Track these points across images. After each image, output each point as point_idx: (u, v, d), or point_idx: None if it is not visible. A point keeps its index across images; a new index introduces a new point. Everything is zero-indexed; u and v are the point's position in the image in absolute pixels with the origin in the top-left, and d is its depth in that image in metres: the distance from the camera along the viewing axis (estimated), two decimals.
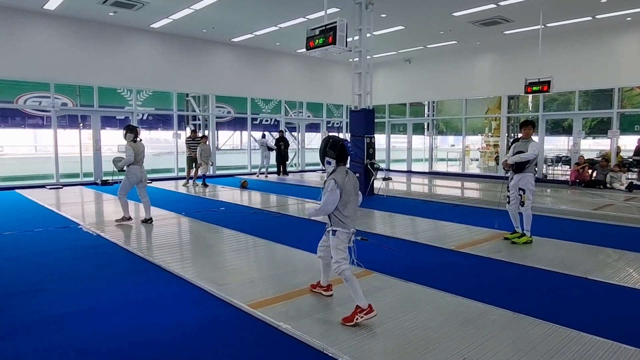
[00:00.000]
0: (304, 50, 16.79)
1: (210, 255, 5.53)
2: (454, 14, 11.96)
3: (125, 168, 7.15)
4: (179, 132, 15.35)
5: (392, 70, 18.94)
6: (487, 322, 3.45)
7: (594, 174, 12.98)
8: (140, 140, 7.24)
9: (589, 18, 12.19)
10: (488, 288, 4.32)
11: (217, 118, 16.28)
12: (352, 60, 11.88)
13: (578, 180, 13.15)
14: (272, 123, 18.03)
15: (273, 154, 16.05)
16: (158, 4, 11.38)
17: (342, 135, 20.17)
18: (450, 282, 4.43)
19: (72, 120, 13.81)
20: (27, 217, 8.05)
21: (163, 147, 18.83)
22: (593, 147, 16.83)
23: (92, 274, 4.75)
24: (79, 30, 12.79)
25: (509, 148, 10.21)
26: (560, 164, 15.70)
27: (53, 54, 12.44)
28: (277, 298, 3.97)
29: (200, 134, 13.64)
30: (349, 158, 3.68)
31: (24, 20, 11.88)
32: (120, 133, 7.44)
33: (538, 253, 5.58)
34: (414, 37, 14.78)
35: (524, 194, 5.99)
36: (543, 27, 11.85)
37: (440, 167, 19.15)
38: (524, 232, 6.07)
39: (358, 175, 11.08)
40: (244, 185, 12.51)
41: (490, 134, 19.39)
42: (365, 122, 10.97)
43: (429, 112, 18.67)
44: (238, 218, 7.98)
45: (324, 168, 3.71)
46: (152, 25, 13.43)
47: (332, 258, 3.60)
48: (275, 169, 16.55)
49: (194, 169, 13.01)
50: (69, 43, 12.71)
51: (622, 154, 13.71)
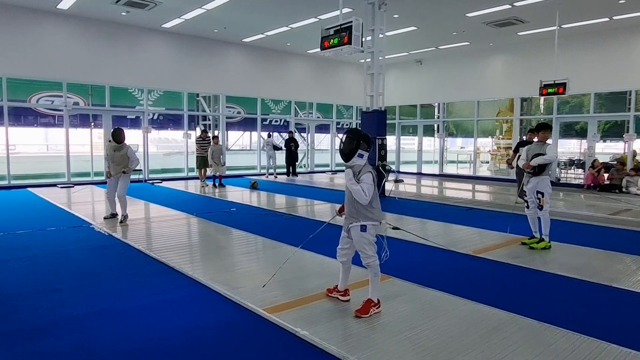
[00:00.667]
0: (316, 51, 16.75)
1: (224, 257, 5.47)
2: (468, 15, 11.82)
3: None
4: (189, 132, 15.36)
5: (403, 72, 18.81)
6: (511, 331, 3.34)
7: (610, 178, 12.76)
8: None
9: (606, 19, 11.99)
10: (510, 295, 4.20)
11: (227, 118, 16.26)
12: (363, 61, 11.79)
13: (593, 184, 12.94)
14: (281, 124, 17.98)
15: (279, 154, 15.98)
16: (170, 4, 11.38)
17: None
18: (470, 288, 4.32)
19: (83, 120, 13.87)
20: (39, 215, 8.06)
21: (173, 147, 18.86)
22: (606, 150, 16.59)
23: (106, 275, 4.71)
24: (92, 30, 12.84)
25: (515, 151, 10.12)
26: (574, 168, 15.48)
27: (66, 54, 12.49)
28: (292, 302, 3.89)
29: (211, 135, 13.60)
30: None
31: (37, 20, 11.94)
32: (133, 133, 7.53)
33: (558, 259, 5.44)
34: (426, 38, 14.65)
35: (543, 197, 5.86)
36: (558, 28, 11.66)
37: (450, 169, 18.98)
38: (542, 237, 5.94)
39: None
40: (254, 186, 12.46)
41: (501, 137, 19.19)
42: (378, 123, 10.86)
43: (439, 113, 18.53)
44: (249, 219, 7.92)
45: (350, 162, 3.58)
46: (163, 25, 13.44)
47: (363, 254, 3.61)
48: (284, 170, 16.49)
49: (204, 169, 12.97)
50: (82, 42, 12.75)
51: (638, 158, 13.47)
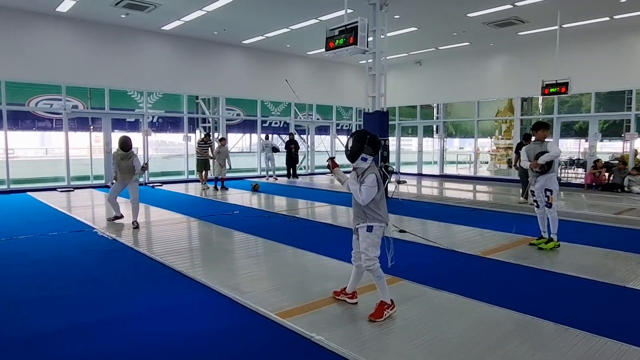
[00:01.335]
0: (316, 52, 16.65)
1: (229, 261, 5.40)
2: (469, 15, 11.80)
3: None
4: (189, 134, 15.28)
5: (402, 72, 18.78)
6: (530, 334, 3.29)
7: (611, 177, 12.76)
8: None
9: (607, 18, 11.99)
10: (523, 297, 4.15)
11: (227, 120, 16.19)
12: (364, 62, 11.76)
13: (594, 184, 12.93)
14: (281, 125, 17.93)
15: (277, 155, 15.93)
16: (170, 6, 11.31)
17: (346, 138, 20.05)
18: (483, 290, 4.26)
19: (82, 123, 13.77)
20: (40, 220, 7.96)
21: (172, 150, 18.75)
22: (604, 149, 16.60)
23: (111, 280, 4.63)
24: (91, 33, 12.75)
25: (516, 152, 10.09)
26: (574, 167, 15.47)
27: (65, 57, 12.40)
28: (304, 307, 3.83)
29: (217, 136, 13.56)
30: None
31: (36, 23, 11.85)
32: (132, 135, 7.55)
33: (567, 259, 5.40)
34: (427, 38, 14.63)
35: (552, 195, 5.84)
36: (559, 28, 11.65)
37: (450, 169, 18.96)
38: (551, 236, 5.90)
39: None
40: (256, 189, 12.39)
41: (501, 137, 19.19)
42: (380, 124, 10.81)
43: (438, 114, 18.51)
44: (253, 222, 7.85)
45: (355, 164, 3.58)
46: (163, 28, 13.37)
47: (365, 255, 3.55)
48: (284, 171, 16.43)
49: (205, 172, 12.93)
50: (81, 45, 12.67)
51: (639, 157, 13.48)
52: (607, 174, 12.96)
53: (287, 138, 16.77)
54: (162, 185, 13.61)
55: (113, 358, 3.00)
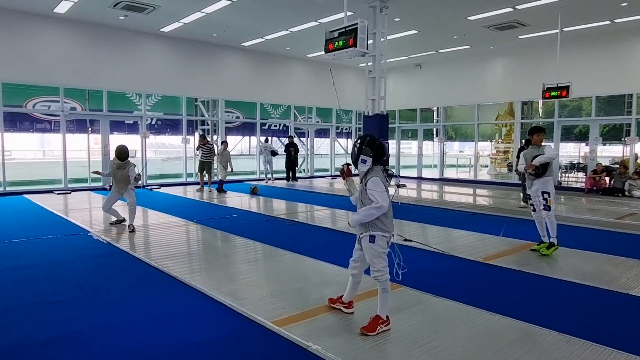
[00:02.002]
0: (316, 55, 16.60)
1: (226, 266, 5.31)
2: (469, 18, 11.76)
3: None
4: (188, 137, 15.21)
5: (402, 76, 18.73)
6: (534, 344, 3.20)
7: (612, 182, 12.69)
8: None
9: (608, 22, 11.95)
10: (525, 305, 4.06)
11: (226, 123, 16.12)
12: (364, 65, 11.70)
13: (595, 188, 12.86)
14: (281, 128, 17.86)
15: (276, 159, 15.89)
16: (169, 8, 11.26)
17: (351, 141, 20.02)
18: (484, 297, 4.18)
19: (80, 125, 13.70)
20: (36, 223, 7.87)
21: (171, 152, 18.69)
22: (605, 153, 16.54)
23: (106, 286, 4.54)
24: (89, 34, 12.69)
25: (518, 157, 10.02)
26: (574, 171, 15.40)
27: (63, 58, 12.33)
28: (301, 314, 3.74)
29: (219, 140, 13.55)
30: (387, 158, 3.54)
31: (34, 24, 11.78)
32: (131, 138, 7.43)
33: (569, 266, 5.32)
34: (427, 41, 14.58)
35: (549, 197, 5.77)
36: (560, 31, 11.60)
37: (450, 173, 18.88)
38: (551, 240, 5.82)
39: None
40: (254, 192, 12.31)
41: (501, 140, 19.13)
42: (380, 127, 10.75)
43: (438, 117, 18.46)
44: (251, 226, 7.76)
45: (358, 169, 3.51)
46: (162, 29, 13.32)
47: (372, 267, 3.40)
48: (282, 174, 16.36)
49: (209, 174, 12.97)
50: (79, 47, 12.60)
51: (639, 161, 13.41)
52: (607, 178, 12.89)
53: (286, 141, 16.69)
54: (160, 188, 13.52)
55: None
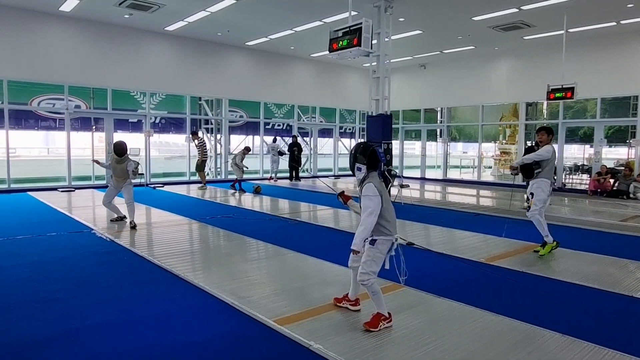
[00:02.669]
0: (320, 54, 16.59)
1: (229, 265, 5.30)
2: (474, 19, 11.71)
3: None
4: (192, 135, 15.20)
5: (406, 76, 18.70)
6: (536, 345, 3.18)
7: (617, 184, 12.61)
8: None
9: (613, 23, 11.88)
10: (529, 306, 4.03)
11: (229, 122, 16.14)
12: (368, 65, 11.67)
13: (599, 190, 12.78)
14: (284, 128, 17.86)
15: (282, 159, 15.90)
16: (174, 7, 11.27)
17: (354, 141, 20.02)
18: (487, 298, 4.16)
19: (84, 123, 13.74)
20: (40, 220, 7.90)
21: (175, 151, 18.72)
22: (609, 155, 16.45)
23: (107, 283, 4.54)
24: (94, 33, 12.73)
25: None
26: (579, 173, 15.31)
27: (68, 56, 12.37)
28: (303, 313, 3.73)
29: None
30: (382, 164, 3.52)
31: (39, 22, 11.83)
32: (135, 136, 7.52)
33: (573, 267, 5.28)
34: (431, 42, 14.54)
35: (531, 199, 5.83)
36: (565, 32, 11.55)
37: (454, 174, 18.82)
38: (544, 239, 5.81)
39: None
40: (258, 191, 12.31)
41: (505, 141, 19.07)
42: (383, 127, 10.72)
43: (442, 118, 18.41)
44: (254, 225, 7.76)
45: (355, 176, 3.54)
46: (166, 28, 13.34)
47: (361, 268, 3.37)
48: (283, 174, 16.38)
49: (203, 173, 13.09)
50: (84, 45, 12.64)
51: None
52: (612, 181, 12.81)
53: (289, 140, 16.70)
54: (163, 187, 13.54)
55: None
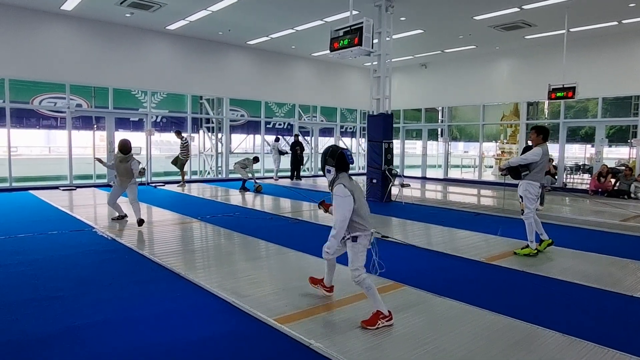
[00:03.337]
0: (321, 53, 16.60)
1: (229, 263, 5.32)
2: (475, 18, 11.70)
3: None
4: (193, 134, 15.24)
5: (407, 75, 18.69)
6: (536, 345, 3.18)
7: (617, 184, 12.59)
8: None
9: (615, 23, 11.86)
10: (529, 306, 4.04)
11: (230, 121, 16.15)
12: (368, 64, 11.67)
13: (600, 190, 12.77)
14: (285, 127, 17.86)
15: (283, 158, 15.92)
16: (175, 6, 11.28)
17: (355, 141, 20.03)
18: (487, 297, 4.16)
19: (86, 122, 13.75)
20: (41, 219, 7.91)
21: (176, 150, 18.69)
22: (610, 155, 16.43)
23: (109, 282, 4.55)
24: (95, 32, 12.74)
25: None
26: (580, 173, 15.30)
27: (69, 55, 12.38)
28: (303, 312, 3.74)
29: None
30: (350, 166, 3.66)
31: (40, 21, 11.84)
32: (136, 135, 7.50)
33: (573, 267, 5.29)
34: (432, 41, 14.54)
35: (521, 202, 5.84)
36: (567, 32, 11.53)
37: (455, 173, 18.81)
38: (529, 242, 5.77)
39: (375, 181, 10.84)
40: (258, 190, 12.32)
41: (506, 141, 19.04)
42: (384, 127, 10.73)
43: (442, 117, 18.40)
44: (255, 224, 7.77)
45: (326, 177, 3.69)
46: (168, 27, 13.35)
47: (351, 266, 3.49)
48: (284, 174, 16.41)
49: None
50: (85, 44, 12.65)
51: None
52: (612, 180, 12.80)
53: (290, 139, 16.71)
54: (164, 185, 13.56)
55: None
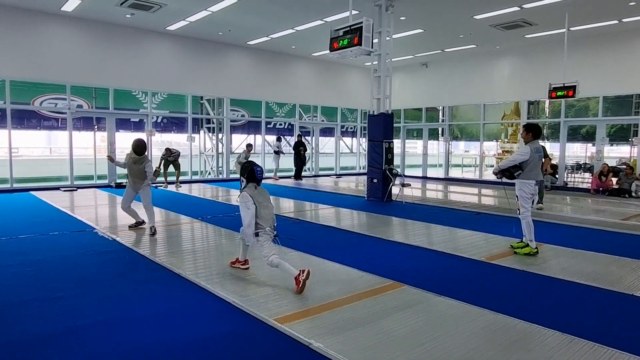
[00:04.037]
0: (321, 53, 16.60)
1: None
2: (476, 17, 11.70)
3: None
4: (193, 135, 15.27)
5: (408, 75, 18.69)
6: (535, 344, 3.19)
7: (619, 182, 12.57)
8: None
9: (615, 22, 11.85)
10: (528, 305, 4.04)
11: (231, 121, 16.17)
12: (369, 64, 11.67)
13: (601, 189, 12.76)
14: (286, 127, 17.87)
15: (282, 158, 16.05)
16: (175, 6, 11.29)
17: (355, 140, 20.06)
18: (486, 297, 4.17)
19: (86, 123, 13.78)
20: (42, 220, 7.93)
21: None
22: (611, 154, 16.41)
23: (109, 282, 4.57)
24: (96, 32, 12.76)
25: None
26: (581, 172, 15.28)
27: (70, 56, 12.41)
28: (303, 312, 3.75)
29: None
30: (261, 181, 4.60)
31: (41, 22, 11.87)
32: (137, 136, 7.40)
33: (573, 266, 5.28)
34: (433, 40, 14.54)
35: (517, 201, 5.88)
36: (567, 31, 11.52)
37: (455, 173, 18.80)
38: (528, 241, 5.79)
39: (376, 181, 10.85)
40: None
41: (507, 140, 19.01)
42: (384, 126, 10.73)
43: (443, 117, 18.39)
44: None
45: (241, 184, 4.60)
46: (168, 28, 13.36)
47: (262, 254, 4.43)
48: (284, 174, 16.43)
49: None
50: (86, 45, 12.68)
51: None
52: (614, 179, 12.78)
53: (291, 139, 16.73)
54: (167, 186, 13.56)
55: None
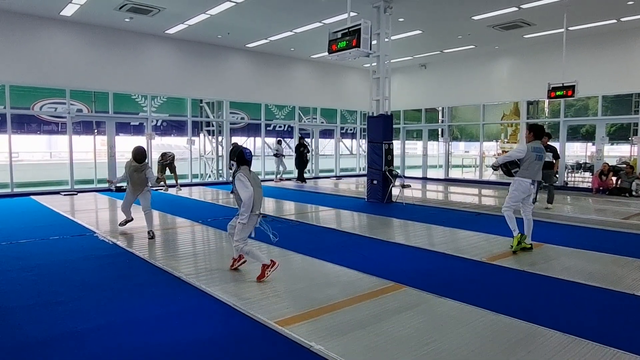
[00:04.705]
0: (320, 55, 16.62)
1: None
2: (474, 18, 11.72)
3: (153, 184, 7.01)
4: (193, 138, 15.28)
5: (407, 76, 18.70)
6: (536, 344, 3.18)
7: (619, 182, 12.57)
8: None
9: (614, 21, 11.86)
10: (529, 305, 4.04)
11: (230, 124, 16.18)
12: (368, 66, 11.68)
13: (602, 188, 12.75)
14: (285, 129, 17.88)
15: (285, 160, 16.06)
16: (174, 10, 11.31)
17: (355, 142, 20.07)
18: (487, 298, 4.16)
19: (86, 127, 13.80)
20: (42, 224, 7.93)
21: (176, 153, 18.74)
22: (611, 153, 16.41)
23: (109, 286, 4.56)
24: (95, 37, 12.78)
25: None
26: (581, 171, 15.28)
27: (69, 60, 12.43)
28: (304, 314, 3.74)
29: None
30: (251, 162, 4.71)
31: (41, 27, 11.89)
32: (136, 139, 7.39)
33: (574, 266, 5.28)
34: (431, 41, 14.55)
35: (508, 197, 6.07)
36: (566, 30, 11.53)
37: (456, 173, 18.80)
38: (512, 233, 6.00)
39: (376, 182, 10.85)
40: None
41: (507, 140, 19.02)
42: (384, 128, 10.74)
43: (443, 117, 18.40)
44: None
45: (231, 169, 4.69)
46: (167, 31, 13.38)
47: (236, 235, 4.63)
48: (289, 175, 16.42)
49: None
50: (85, 49, 12.70)
51: None
52: (614, 178, 12.77)
53: (291, 142, 16.75)
54: (167, 190, 13.56)
55: None
